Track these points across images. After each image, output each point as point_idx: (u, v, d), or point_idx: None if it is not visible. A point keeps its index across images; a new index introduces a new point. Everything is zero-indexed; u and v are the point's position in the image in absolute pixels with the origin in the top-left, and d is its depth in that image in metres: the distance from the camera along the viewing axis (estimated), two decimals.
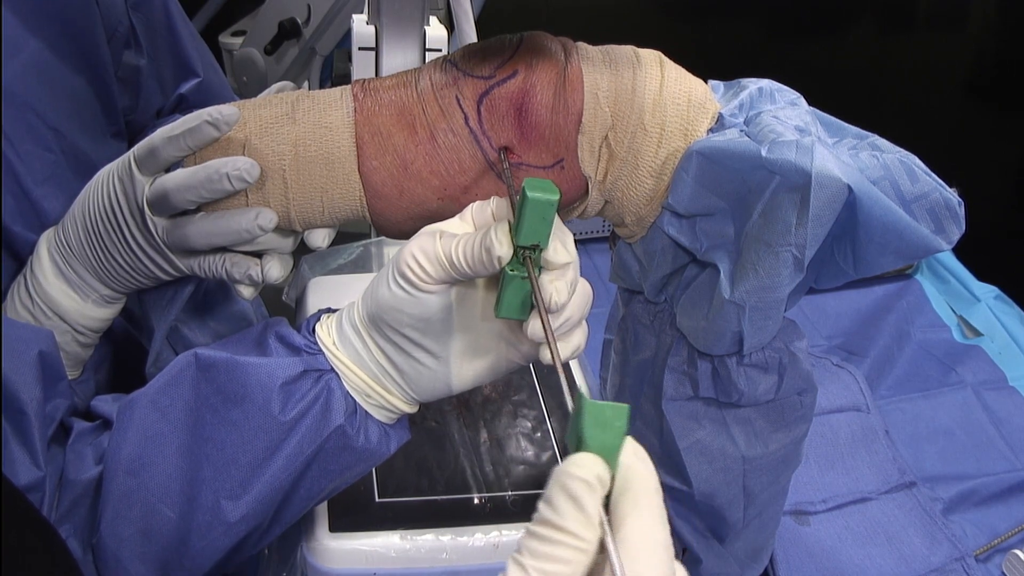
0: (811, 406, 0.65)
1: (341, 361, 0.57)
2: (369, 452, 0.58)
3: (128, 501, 0.56)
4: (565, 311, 0.52)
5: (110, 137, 0.78)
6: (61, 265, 0.65)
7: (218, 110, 0.59)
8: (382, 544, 0.67)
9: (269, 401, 0.55)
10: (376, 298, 0.55)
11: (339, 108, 0.60)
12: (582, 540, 0.37)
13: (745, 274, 0.57)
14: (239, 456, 0.55)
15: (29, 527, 0.44)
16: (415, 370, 0.56)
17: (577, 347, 0.54)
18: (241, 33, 1.45)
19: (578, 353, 0.54)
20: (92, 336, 0.67)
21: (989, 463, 1.00)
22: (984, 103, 2.21)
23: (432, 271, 0.52)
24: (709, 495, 0.65)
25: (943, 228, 0.56)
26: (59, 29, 0.71)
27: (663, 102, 0.59)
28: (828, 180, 0.53)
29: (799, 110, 0.60)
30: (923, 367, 1.11)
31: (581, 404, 0.40)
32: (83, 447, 0.58)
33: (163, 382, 0.57)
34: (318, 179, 0.60)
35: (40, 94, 0.69)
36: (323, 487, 0.58)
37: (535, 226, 0.49)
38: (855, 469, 0.96)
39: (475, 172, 0.60)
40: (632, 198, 0.61)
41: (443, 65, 0.61)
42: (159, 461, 0.56)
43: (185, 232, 0.61)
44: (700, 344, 0.62)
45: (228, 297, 0.82)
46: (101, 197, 0.63)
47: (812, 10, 2.25)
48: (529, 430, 0.77)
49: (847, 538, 0.89)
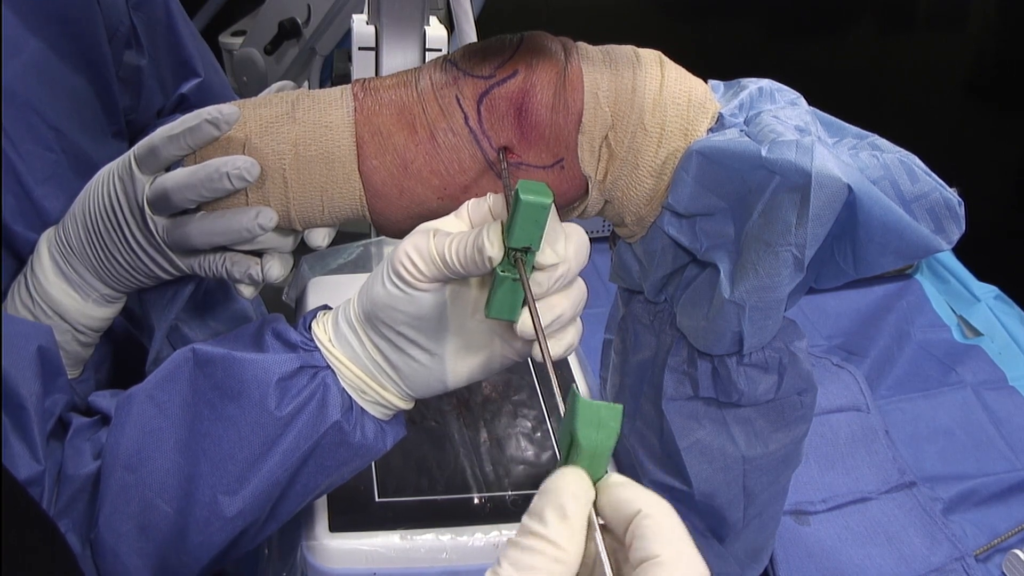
0: (811, 406, 0.65)
1: (337, 358, 0.57)
2: (365, 448, 0.58)
3: (126, 496, 0.56)
4: (556, 309, 0.52)
5: (111, 137, 0.78)
6: (61, 264, 0.65)
7: (218, 109, 0.59)
8: (382, 544, 0.67)
9: (265, 397, 0.55)
10: (371, 296, 0.55)
11: (339, 107, 0.60)
12: (561, 550, 0.37)
13: (745, 274, 0.57)
14: (236, 451, 0.55)
15: (29, 522, 0.44)
16: (410, 367, 0.56)
17: (570, 345, 0.54)
18: (241, 33, 1.45)
19: (571, 351, 0.54)
20: (92, 335, 0.67)
21: (989, 463, 0.99)
22: (984, 103, 2.21)
23: (426, 269, 0.52)
24: (709, 495, 0.66)
25: (943, 228, 0.56)
26: (60, 29, 0.71)
27: (663, 102, 0.59)
28: (828, 180, 0.53)
29: (799, 110, 0.60)
30: (923, 367, 1.11)
31: (575, 403, 0.39)
32: (81, 442, 0.58)
33: (160, 377, 0.57)
34: (318, 178, 0.60)
35: (41, 94, 0.69)
36: (319, 483, 0.58)
37: (527, 228, 0.49)
38: (855, 469, 0.96)
39: (475, 172, 0.60)
40: (632, 198, 0.61)
41: (443, 65, 0.61)
42: (157, 456, 0.56)
43: (185, 231, 0.61)
44: (700, 344, 0.62)
45: (228, 296, 0.82)
46: (101, 196, 0.63)
47: (812, 10, 2.25)
48: (529, 430, 0.77)
49: (847, 538, 0.89)
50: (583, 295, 0.54)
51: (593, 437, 0.39)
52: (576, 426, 0.39)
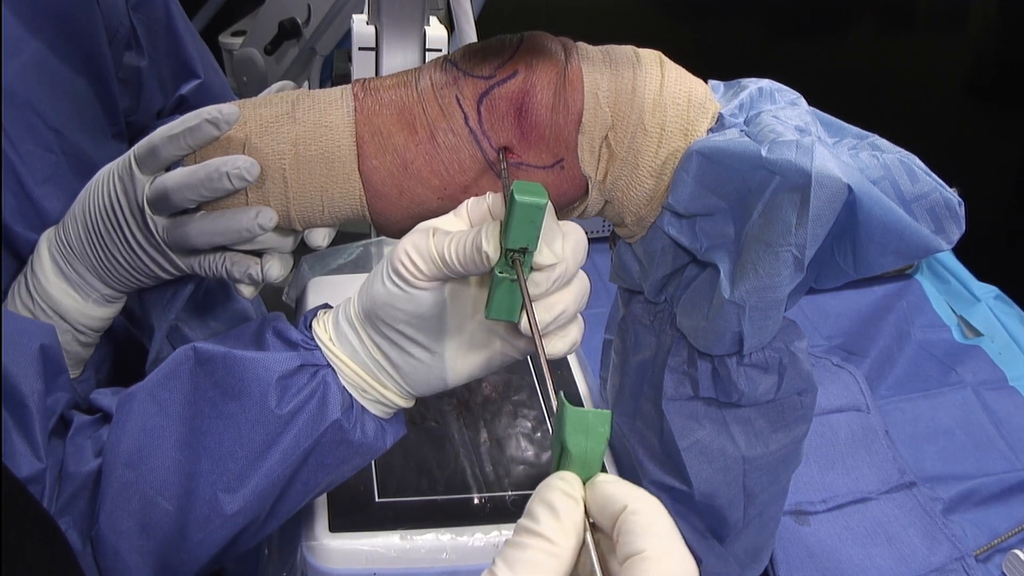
0: (811, 406, 0.65)
1: (337, 356, 0.57)
2: (366, 446, 0.58)
3: (127, 494, 0.56)
4: (557, 307, 0.52)
5: (111, 138, 0.78)
6: (62, 264, 0.65)
7: (218, 109, 0.59)
8: (382, 544, 0.67)
9: (266, 395, 0.55)
10: (371, 294, 0.55)
11: (339, 107, 0.60)
12: (556, 545, 0.38)
13: (745, 274, 0.57)
14: (236, 449, 0.55)
15: (29, 520, 0.44)
16: (410, 365, 0.56)
17: (573, 342, 0.54)
18: (241, 33, 1.45)
19: (575, 347, 0.55)
20: (93, 335, 0.67)
21: (989, 463, 0.99)
22: (984, 103, 2.21)
23: (425, 268, 0.52)
24: (709, 495, 0.66)
25: (943, 228, 0.56)
26: (60, 30, 0.71)
27: (663, 102, 0.59)
28: (828, 180, 0.53)
29: (799, 110, 0.60)
30: (923, 367, 1.11)
31: (563, 411, 0.40)
32: (83, 440, 0.58)
33: (162, 375, 0.57)
34: (318, 178, 0.60)
35: (41, 94, 0.69)
36: (319, 481, 0.58)
37: (523, 229, 0.49)
38: (855, 469, 0.96)
39: (475, 172, 0.60)
40: (632, 198, 0.61)
41: (443, 65, 0.61)
42: (157, 454, 0.56)
43: (185, 231, 0.61)
44: (700, 344, 0.62)
45: (228, 296, 0.82)
46: (101, 196, 0.63)
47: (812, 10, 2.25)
48: (529, 430, 0.77)
49: (847, 538, 0.89)
50: (585, 289, 0.54)
51: (582, 443, 0.40)
52: (565, 433, 0.40)
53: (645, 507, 0.39)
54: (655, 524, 0.38)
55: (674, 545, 0.37)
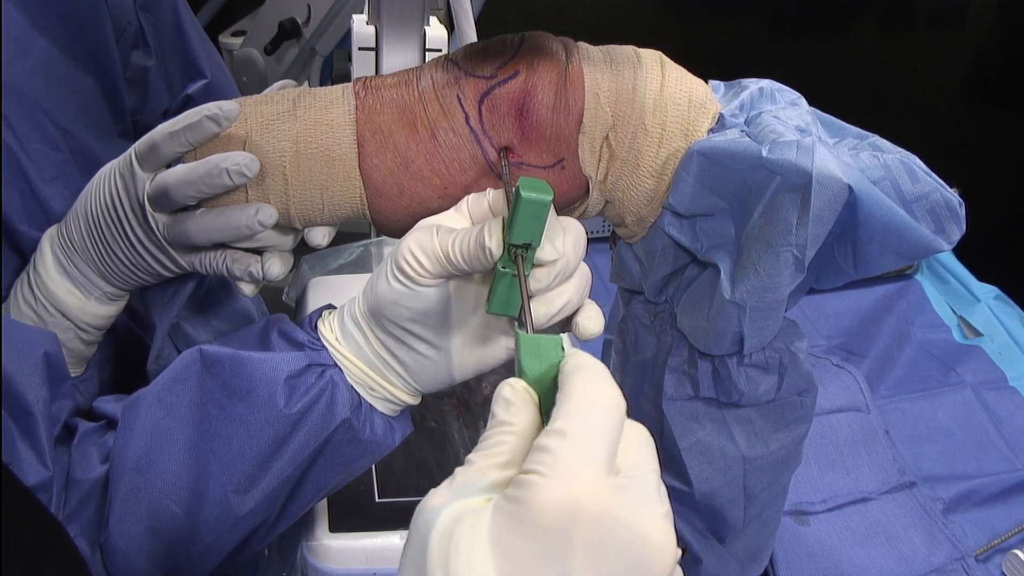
0: (811, 406, 0.65)
1: (344, 355, 0.57)
2: (375, 444, 0.58)
3: (136, 499, 0.56)
4: (559, 300, 0.53)
5: (117, 137, 0.78)
6: (64, 262, 0.65)
7: (219, 106, 0.59)
8: (382, 544, 0.67)
9: (274, 395, 0.55)
10: (375, 292, 0.55)
11: (340, 105, 0.60)
12: (512, 425, 0.40)
13: (746, 274, 0.57)
14: (246, 450, 0.55)
15: (38, 527, 0.44)
16: (417, 362, 0.56)
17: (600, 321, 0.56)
18: (241, 33, 1.45)
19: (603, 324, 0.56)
20: (95, 333, 0.67)
21: (989, 463, 1.00)
22: (984, 103, 2.21)
23: (429, 265, 0.53)
24: (709, 495, 0.66)
25: (943, 228, 0.56)
26: (68, 29, 0.71)
27: (664, 102, 0.59)
28: (829, 180, 0.53)
29: (799, 110, 0.60)
30: (923, 367, 1.11)
31: (518, 338, 0.44)
32: (88, 447, 0.58)
33: (168, 379, 0.57)
34: (318, 176, 0.60)
35: (49, 94, 0.69)
36: (329, 479, 0.58)
37: (528, 225, 0.49)
38: (855, 469, 0.96)
39: (476, 171, 0.60)
40: (633, 198, 0.61)
41: (445, 64, 0.61)
42: (166, 458, 0.56)
43: (186, 228, 0.61)
44: (700, 344, 0.62)
45: (229, 294, 0.82)
46: (103, 194, 0.63)
47: (812, 10, 2.26)
48: None
49: (847, 538, 0.89)
50: (587, 280, 0.55)
51: (536, 367, 0.43)
52: (520, 357, 0.43)
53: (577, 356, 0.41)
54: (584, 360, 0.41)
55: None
